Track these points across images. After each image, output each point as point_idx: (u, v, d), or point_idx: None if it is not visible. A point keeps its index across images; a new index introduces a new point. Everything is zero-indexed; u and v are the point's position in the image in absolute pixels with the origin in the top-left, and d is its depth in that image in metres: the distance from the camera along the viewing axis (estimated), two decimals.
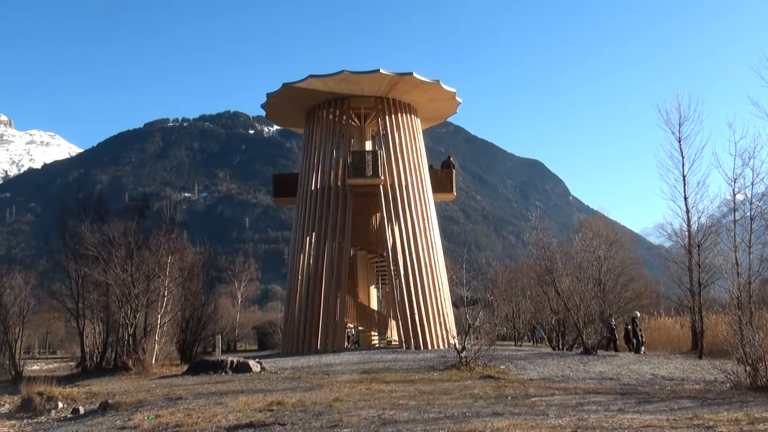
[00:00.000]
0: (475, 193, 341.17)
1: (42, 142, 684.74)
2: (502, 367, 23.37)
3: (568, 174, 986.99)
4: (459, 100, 38.02)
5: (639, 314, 37.74)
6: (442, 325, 34.15)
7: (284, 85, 35.76)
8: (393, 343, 36.98)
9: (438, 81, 35.63)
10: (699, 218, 30.47)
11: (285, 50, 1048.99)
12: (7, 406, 23.50)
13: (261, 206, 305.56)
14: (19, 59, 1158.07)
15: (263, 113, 40.85)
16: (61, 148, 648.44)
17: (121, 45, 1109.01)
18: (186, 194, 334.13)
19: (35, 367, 54.28)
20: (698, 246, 29.49)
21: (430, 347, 33.03)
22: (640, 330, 34.84)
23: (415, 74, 34.66)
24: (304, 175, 37.18)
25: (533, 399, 14.67)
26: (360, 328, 38.63)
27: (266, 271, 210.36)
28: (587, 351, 28.71)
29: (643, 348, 33.79)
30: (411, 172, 36.07)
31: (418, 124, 37.97)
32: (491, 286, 51.72)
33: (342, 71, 34.28)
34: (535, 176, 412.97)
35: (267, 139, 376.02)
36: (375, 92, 36.03)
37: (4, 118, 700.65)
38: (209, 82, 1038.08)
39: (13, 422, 18.89)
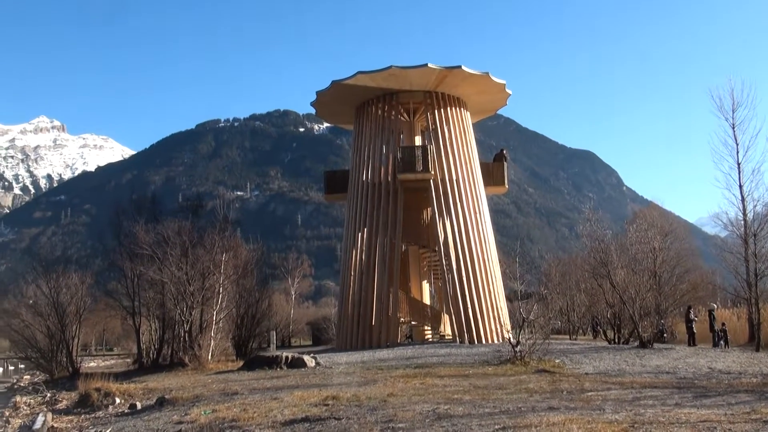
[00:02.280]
0: (527, 185, 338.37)
1: (95, 145, 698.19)
2: (557, 361, 23.11)
3: (621, 164, 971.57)
4: (509, 91, 37.72)
5: (715, 306, 36.95)
6: (496, 319, 33.93)
7: (333, 82, 35.87)
8: (446, 337, 36.86)
9: (487, 73, 35.38)
10: (755, 207, 29.53)
11: (334, 48, 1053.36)
12: (65, 401, 24.04)
13: (313, 203, 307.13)
14: (70, 65, 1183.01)
15: (313, 111, 41.08)
16: (114, 151, 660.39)
17: (170, 47, 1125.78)
18: (238, 193, 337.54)
19: (92, 364, 55.42)
20: (754, 235, 28.67)
21: (484, 341, 32.88)
22: (720, 323, 34.04)
23: (463, 67, 34.46)
24: (355, 171, 37.25)
25: (589, 393, 14.47)
26: (413, 323, 38.56)
27: (319, 267, 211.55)
28: (643, 344, 28.26)
29: (722, 342, 32.72)
30: (462, 166, 35.90)
31: (467, 118, 37.75)
32: (545, 280, 51.13)
33: (390, 67, 34.26)
34: (587, 167, 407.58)
35: (317, 137, 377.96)
36: (424, 87, 35.93)
37: (57, 123, 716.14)
38: (259, 81, 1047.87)
39: (71, 417, 19.27)
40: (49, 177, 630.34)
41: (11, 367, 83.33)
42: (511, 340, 24.28)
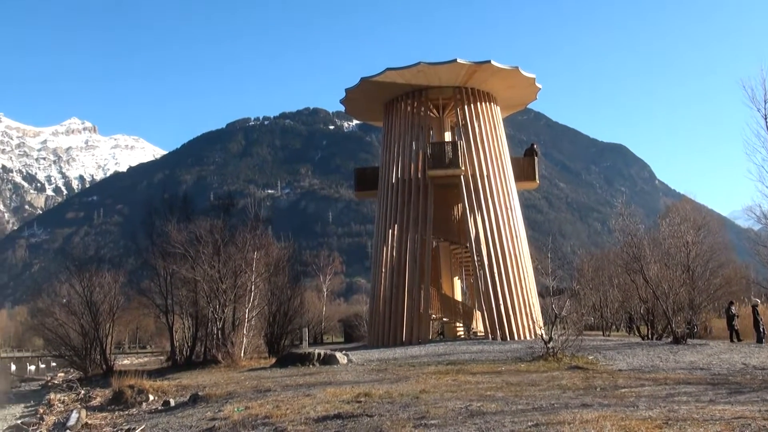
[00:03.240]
0: (559, 180, 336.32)
1: (126, 146, 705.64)
2: (590, 357, 22.94)
3: (653, 157, 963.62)
4: (539, 85, 37.45)
5: (759, 301, 36.39)
6: (528, 315, 33.76)
7: (362, 79, 35.87)
8: (478, 334, 36.73)
9: (517, 67, 35.16)
10: None
11: (363, 45, 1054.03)
12: (98, 399, 24.33)
13: (343, 200, 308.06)
14: (101, 67, 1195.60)
15: (342, 108, 41.08)
16: (145, 151, 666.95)
17: (199, 48, 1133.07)
18: (269, 191, 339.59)
19: (126, 362, 56.06)
20: None
21: (516, 338, 32.71)
22: (761, 318, 33.47)
23: (492, 62, 34.30)
24: (385, 168, 37.23)
25: (622, 390, 14.33)
26: (444, 319, 38.47)
27: (350, 264, 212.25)
28: (677, 340, 27.94)
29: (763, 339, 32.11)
30: (492, 162, 35.73)
31: (497, 113, 37.56)
32: (577, 275, 50.84)
33: (419, 63, 34.20)
34: (619, 161, 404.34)
35: (347, 134, 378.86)
36: (453, 82, 35.80)
37: (88, 124, 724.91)
38: (288, 80, 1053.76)
39: (104, 414, 19.49)
40: (81, 178, 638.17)
41: (42, 365, 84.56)
42: (544, 336, 24.14)
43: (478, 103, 36.37)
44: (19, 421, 23.13)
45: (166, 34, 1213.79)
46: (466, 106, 35.97)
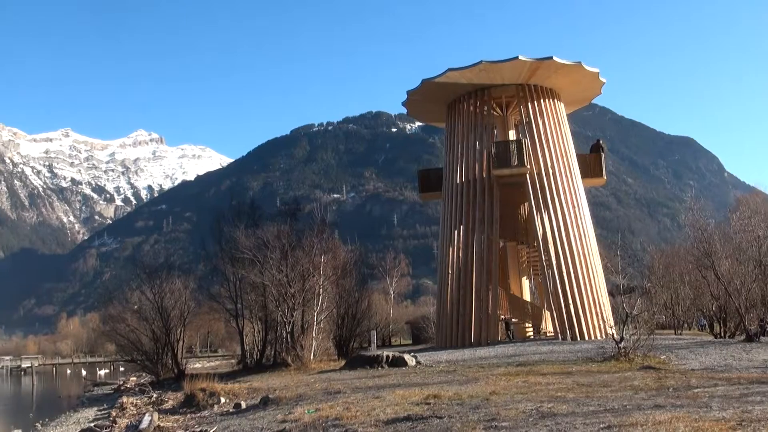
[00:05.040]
0: (626, 176, 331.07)
1: (193, 155, 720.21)
2: (662, 357, 22.46)
3: (721, 149, 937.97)
4: (603, 80, 36.86)
5: None
6: (599, 314, 33.26)
7: (424, 81, 35.84)
8: (548, 334, 36.33)
9: (580, 62, 34.71)
10: None
11: (423, 47, 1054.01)
12: (171, 402, 24.80)
13: (408, 203, 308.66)
14: (165, 79, 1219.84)
15: (405, 111, 41.10)
16: (212, 160, 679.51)
17: (261, 55, 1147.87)
18: (335, 195, 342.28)
19: (197, 365, 57.11)
20: None
21: (586, 338, 32.25)
22: None
23: (555, 58, 33.90)
24: (449, 169, 37.11)
25: (695, 390, 13.96)
26: (513, 320, 38.14)
27: (417, 266, 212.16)
28: (750, 338, 27.19)
29: None
30: (558, 159, 35.31)
31: (561, 109, 37.09)
32: (648, 273, 49.80)
33: (480, 62, 34.02)
34: (687, 154, 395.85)
35: (410, 136, 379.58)
36: (515, 80, 35.51)
37: (155, 135, 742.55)
38: (351, 84, 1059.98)
39: (177, 417, 19.85)
40: (149, 188, 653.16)
41: (104, 371, 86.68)
42: (615, 336, 23.73)
43: (542, 100, 35.99)
44: (92, 424, 23.78)
45: (228, 46, 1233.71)
46: (529, 104, 35.63)
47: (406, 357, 26.17)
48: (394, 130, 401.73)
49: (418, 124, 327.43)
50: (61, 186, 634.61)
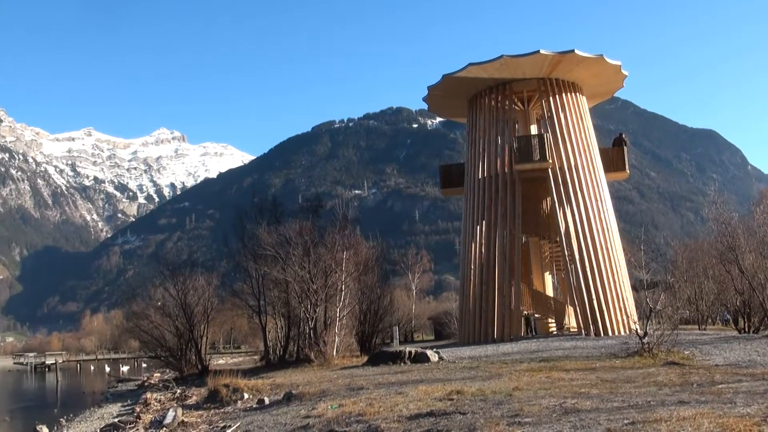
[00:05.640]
0: (649, 169, 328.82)
1: (216, 153, 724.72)
2: (686, 352, 22.27)
3: (744, 142, 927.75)
4: (625, 72, 36.57)
5: None
6: (622, 310, 33.05)
7: (444, 76, 35.75)
8: (571, 330, 36.17)
9: (601, 55, 34.47)
10: None
11: (444, 42, 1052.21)
12: (194, 397, 24.97)
13: (429, 198, 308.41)
14: (186, 78, 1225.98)
15: (426, 106, 41.03)
16: (234, 157, 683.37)
17: (282, 51, 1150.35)
18: (356, 191, 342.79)
19: (221, 361, 57.48)
20: None
21: (610, 333, 32.07)
22: None
23: (576, 51, 33.69)
24: (471, 164, 37.02)
25: (719, 386, 13.82)
26: (536, 315, 38.00)
27: (439, 262, 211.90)
28: None
29: None
30: (580, 153, 35.11)
31: (584, 103, 36.88)
32: (671, 268, 49.43)
33: (501, 56, 33.88)
34: (710, 147, 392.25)
35: (431, 132, 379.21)
36: (537, 74, 35.32)
37: (177, 133, 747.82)
38: (371, 80, 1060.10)
39: (200, 412, 19.97)
40: (172, 185, 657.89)
41: (125, 367, 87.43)
42: (638, 331, 23.58)
43: (564, 94, 35.79)
44: (116, 420, 23.97)
45: (249, 42, 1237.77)
46: (551, 98, 35.46)
47: (429, 353, 26.16)
48: (415, 125, 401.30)
49: (439, 119, 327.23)
50: (84, 184, 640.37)
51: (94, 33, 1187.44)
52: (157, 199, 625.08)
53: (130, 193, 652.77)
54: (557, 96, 35.58)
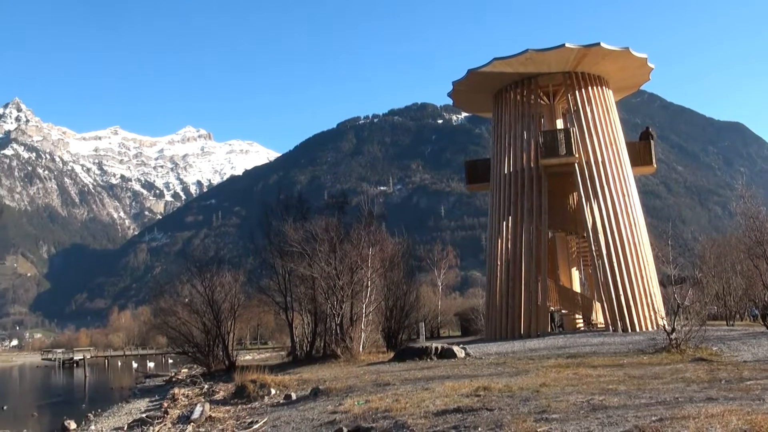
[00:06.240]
0: (676, 163, 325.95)
1: (241, 150, 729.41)
2: (714, 348, 22.07)
3: None
4: (651, 65, 36.22)
5: None
6: (650, 305, 32.78)
7: (469, 71, 35.64)
8: (598, 326, 35.97)
9: (627, 48, 34.16)
10: None
11: (468, 37, 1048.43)
12: (222, 393, 25.09)
13: (455, 194, 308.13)
14: (211, 76, 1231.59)
15: (451, 102, 40.92)
16: (259, 155, 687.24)
17: (307, 51, 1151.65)
18: (381, 188, 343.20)
19: (248, 357, 57.77)
20: None
21: (637, 329, 31.84)
22: None
23: (602, 44, 33.43)
24: (496, 159, 36.90)
25: (748, 383, 13.69)
26: (563, 311, 37.83)
27: (465, 258, 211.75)
28: None
29: None
30: (607, 148, 34.86)
31: (610, 96, 36.60)
32: (699, 263, 49.02)
33: (527, 50, 33.71)
34: (737, 140, 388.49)
35: (456, 127, 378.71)
36: (562, 68, 35.12)
37: (203, 131, 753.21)
38: (395, 76, 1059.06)
39: (228, 408, 20.09)
40: (198, 183, 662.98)
41: (151, 363, 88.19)
42: (666, 327, 23.40)
43: (590, 88, 35.55)
44: (144, 415, 24.15)
45: (273, 39, 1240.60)
46: (577, 92, 35.23)
47: (455, 349, 26.15)
48: (440, 121, 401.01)
49: (464, 114, 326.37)
50: (111, 183, 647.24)
51: (122, 31, 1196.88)
52: (183, 197, 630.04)
53: (157, 191, 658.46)
54: (583, 90, 35.35)
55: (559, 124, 38.20)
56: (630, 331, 31.56)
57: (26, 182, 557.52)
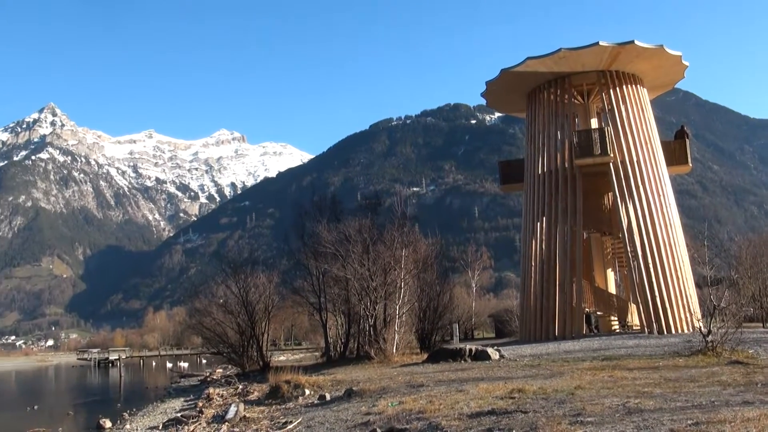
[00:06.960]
0: (711, 162, 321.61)
1: (275, 152, 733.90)
2: (750, 351, 21.69)
3: None
4: (686, 63, 35.81)
5: None
6: (685, 307, 32.46)
7: (503, 71, 35.53)
8: (634, 327, 35.63)
9: (662, 46, 33.84)
10: None
11: (501, 36, 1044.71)
12: (256, 393, 25.24)
13: (489, 195, 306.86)
14: (246, 80, 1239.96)
15: (484, 102, 40.82)
16: (293, 156, 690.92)
17: (340, 52, 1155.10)
18: (414, 188, 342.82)
19: (282, 358, 58.07)
20: None
21: (673, 331, 31.52)
22: None
23: (636, 42, 33.13)
24: (530, 159, 36.72)
25: None
26: (598, 313, 37.53)
27: (499, 259, 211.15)
28: None
29: None
30: (642, 147, 34.54)
31: (644, 95, 36.26)
32: (735, 263, 48.35)
33: (560, 49, 33.54)
34: None
35: (489, 128, 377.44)
36: (596, 66, 34.86)
37: (237, 134, 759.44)
38: (428, 77, 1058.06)
39: (262, 408, 20.20)
40: (232, 185, 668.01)
41: (184, 363, 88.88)
42: (702, 329, 23.11)
43: (624, 86, 35.25)
44: (179, 414, 24.38)
45: (304, 42, 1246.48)
46: (611, 91, 34.95)
47: (489, 350, 26.05)
48: (473, 121, 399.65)
49: (497, 114, 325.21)
50: (146, 185, 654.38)
51: (156, 35, 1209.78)
52: (218, 199, 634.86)
53: (192, 193, 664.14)
54: (617, 88, 35.07)
55: (594, 123, 37.91)
56: (666, 333, 31.27)
57: (62, 185, 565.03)
